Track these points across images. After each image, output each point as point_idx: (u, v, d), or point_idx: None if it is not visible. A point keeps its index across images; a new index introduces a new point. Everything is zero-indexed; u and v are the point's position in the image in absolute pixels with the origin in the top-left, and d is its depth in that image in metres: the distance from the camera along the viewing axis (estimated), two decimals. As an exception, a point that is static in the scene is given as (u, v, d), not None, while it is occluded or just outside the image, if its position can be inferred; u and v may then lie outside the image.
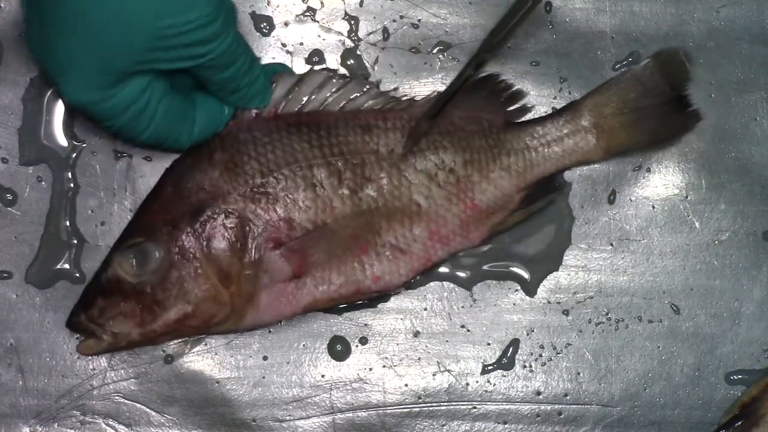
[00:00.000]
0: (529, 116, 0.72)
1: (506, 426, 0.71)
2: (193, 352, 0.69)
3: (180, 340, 0.69)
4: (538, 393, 0.72)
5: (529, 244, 0.72)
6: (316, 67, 0.71)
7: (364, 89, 0.69)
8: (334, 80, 0.69)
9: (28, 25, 0.61)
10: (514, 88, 0.72)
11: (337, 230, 0.66)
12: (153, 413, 0.69)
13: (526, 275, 0.72)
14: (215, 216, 0.64)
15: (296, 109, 0.68)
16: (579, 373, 0.72)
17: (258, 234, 0.65)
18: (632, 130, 0.71)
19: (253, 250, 0.65)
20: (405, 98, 0.71)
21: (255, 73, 0.65)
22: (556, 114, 0.71)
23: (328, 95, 0.68)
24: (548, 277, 0.72)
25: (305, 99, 0.68)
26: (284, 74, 0.68)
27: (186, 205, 0.65)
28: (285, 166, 0.66)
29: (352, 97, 0.69)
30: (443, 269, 0.71)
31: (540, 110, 0.73)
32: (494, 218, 0.70)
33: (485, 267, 0.72)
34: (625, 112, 0.71)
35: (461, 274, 0.72)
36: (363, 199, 0.67)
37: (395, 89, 0.71)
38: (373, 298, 0.70)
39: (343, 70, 0.72)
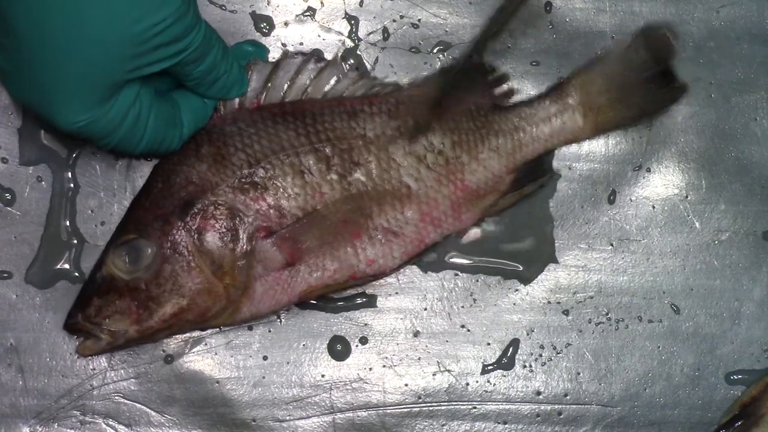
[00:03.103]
0: (521, 84, 0.73)
1: (506, 426, 0.71)
2: (193, 352, 0.69)
3: (180, 340, 0.69)
4: (538, 393, 0.72)
5: (516, 241, 0.73)
6: (290, 51, 0.71)
7: (344, 72, 0.70)
8: (311, 65, 0.69)
9: (5, 71, 0.60)
10: (500, 72, 0.72)
11: (328, 216, 0.66)
12: (153, 413, 0.69)
13: (520, 269, 0.72)
14: (205, 209, 0.65)
15: (279, 97, 0.68)
16: (579, 373, 0.72)
17: (249, 224, 0.65)
18: (619, 106, 0.71)
19: (245, 241, 0.65)
20: (388, 81, 0.71)
21: (229, 60, 0.65)
22: (542, 94, 0.72)
23: (307, 81, 0.69)
24: (548, 277, 0.72)
25: (286, 86, 0.68)
26: (259, 61, 0.69)
27: (176, 199, 0.65)
28: (272, 155, 0.66)
29: (333, 81, 0.69)
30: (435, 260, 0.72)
31: (540, 110, 0.73)
32: (486, 200, 0.70)
33: (478, 263, 0.72)
34: (612, 89, 0.71)
35: (462, 262, 0.72)
36: (352, 183, 0.67)
37: (373, 68, 0.72)
38: (368, 282, 0.70)
39: (327, 47, 0.72)
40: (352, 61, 0.72)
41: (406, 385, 0.71)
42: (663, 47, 0.71)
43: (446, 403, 0.71)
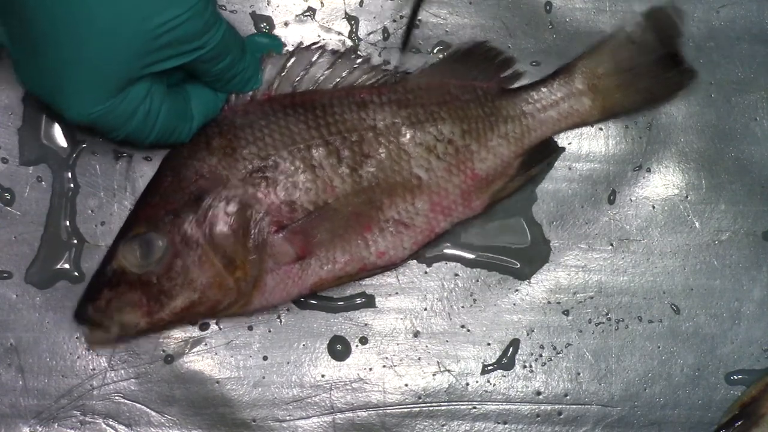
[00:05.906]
0: (522, 82, 0.73)
1: (506, 426, 0.71)
2: (193, 352, 0.69)
3: (180, 340, 0.69)
4: (538, 393, 0.72)
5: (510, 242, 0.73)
6: (304, 44, 0.71)
7: (356, 64, 0.69)
8: (324, 56, 0.69)
9: (17, 61, 0.60)
10: (505, 55, 0.72)
11: (339, 209, 0.66)
12: (153, 413, 0.69)
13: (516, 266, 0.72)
14: (216, 203, 0.65)
15: (289, 88, 0.68)
16: (579, 373, 0.72)
17: (260, 218, 0.65)
18: (627, 90, 0.71)
19: (256, 235, 0.65)
20: (398, 71, 0.71)
21: (247, 58, 0.65)
22: (549, 78, 0.72)
23: (319, 73, 0.68)
24: (548, 277, 0.72)
25: (297, 78, 0.68)
26: (273, 54, 0.68)
27: (187, 193, 0.65)
28: (283, 149, 0.66)
29: (344, 73, 0.69)
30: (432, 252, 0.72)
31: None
32: (495, 185, 0.70)
33: (480, 257, 0.72)
34: (619, 72, 0.71)
35: (464, 254, 0.72)
36: (363, 176, 0.67)
37: (386, 62, 0.72)
38: (378, 273, 0.70)
39: (332, 45, 0.71)
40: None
41: (406, 385, 0.71)
42: (669, 30, 0.71)
43: (446, 403, 0.71)
